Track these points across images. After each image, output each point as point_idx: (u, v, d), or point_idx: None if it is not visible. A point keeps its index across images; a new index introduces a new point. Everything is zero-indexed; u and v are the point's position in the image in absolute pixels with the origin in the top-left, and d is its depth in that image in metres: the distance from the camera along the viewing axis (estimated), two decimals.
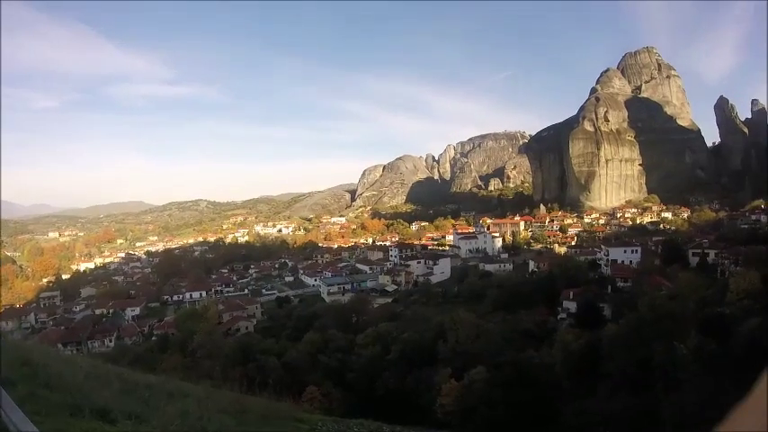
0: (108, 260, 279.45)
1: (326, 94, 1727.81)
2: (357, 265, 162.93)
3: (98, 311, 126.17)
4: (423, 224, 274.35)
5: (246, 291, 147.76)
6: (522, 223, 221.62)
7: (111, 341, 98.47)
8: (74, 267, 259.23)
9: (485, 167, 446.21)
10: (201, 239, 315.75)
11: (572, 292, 77.64)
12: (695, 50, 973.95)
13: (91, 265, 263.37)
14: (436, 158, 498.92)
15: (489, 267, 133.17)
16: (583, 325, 57.22)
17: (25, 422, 7.94)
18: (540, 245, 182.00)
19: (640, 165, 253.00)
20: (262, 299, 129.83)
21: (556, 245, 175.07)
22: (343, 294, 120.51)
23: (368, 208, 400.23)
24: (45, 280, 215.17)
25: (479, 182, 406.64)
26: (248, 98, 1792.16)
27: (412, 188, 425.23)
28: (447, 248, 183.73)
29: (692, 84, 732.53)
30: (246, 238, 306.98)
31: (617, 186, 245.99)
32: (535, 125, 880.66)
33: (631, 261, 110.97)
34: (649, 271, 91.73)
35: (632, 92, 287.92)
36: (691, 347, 32.14)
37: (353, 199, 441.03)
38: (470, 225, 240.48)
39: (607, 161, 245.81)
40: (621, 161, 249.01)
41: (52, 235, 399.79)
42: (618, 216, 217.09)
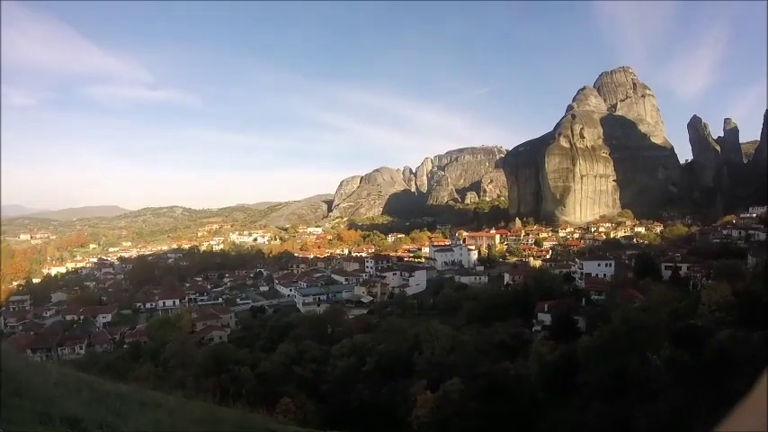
0: (80, 265, 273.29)
1: (306, 105, 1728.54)
2: (333, 276, 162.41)
3: (69, 317, 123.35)
4: (399, 236, 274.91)
5: (221, 300, 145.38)
6: (498, 236, 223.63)
7: (81, 348, 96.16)
8: (45, 271, 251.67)
9: (461, 181, 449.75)
10: (176, 246, 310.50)
11: (547, 305, 77.99)
12: (670, 71, 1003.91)
13: (62, 270, 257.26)
14: (413, 171, 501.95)
15: (465, 280, 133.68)
16: (557, 337, 57.48)
17: None
18: (516, 258, 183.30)
19: (614, 180, 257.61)
20: (236, 308, 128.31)
21: (531, 258, 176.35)
22: (318, 305, 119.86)
23: (344, 219, 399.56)
24: (15, 283, 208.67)
25: (456, 195, 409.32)
26: (228, 106, 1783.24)
27: (389, 200, 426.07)
28: (423, 260, 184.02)
29: (667, 103, 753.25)
30: (222, 247, 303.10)
31: (591, 201, 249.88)
32: (512, 140, 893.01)
33: (605, 274, 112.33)
34: (623, 284, 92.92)
35: (608, 110, 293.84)
36: (664, 358, 32.45)
37: (330, 209, 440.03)
38: (446, 238, 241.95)
39: (582, 177, 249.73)
40: (596, 177, 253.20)
41: (24, 237, 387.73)
42: (592, 230, 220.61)
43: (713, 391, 27.38)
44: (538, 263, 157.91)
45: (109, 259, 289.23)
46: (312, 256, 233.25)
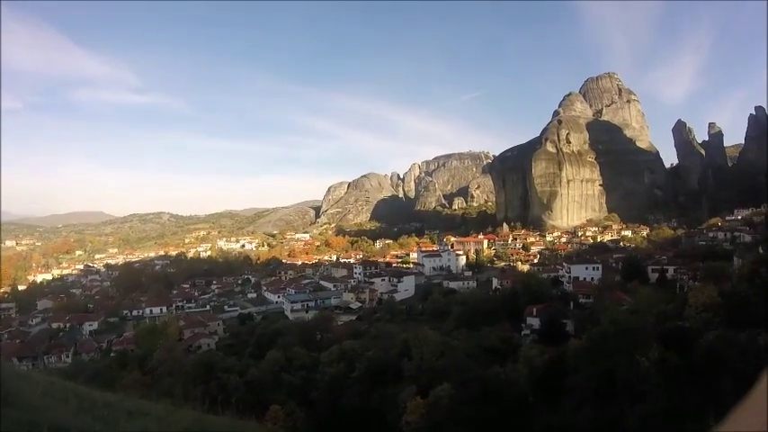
0: (66, 272, 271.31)
1: (293, 111, 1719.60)
2: (321, 282, 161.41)
3: (55, 325, 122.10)
4: (387, 242, 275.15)
5: (208, 307, 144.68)
6: (486, 241, 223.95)
7: (68, 356, 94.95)
8: (30, 278, 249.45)
9: (449, 186, 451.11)
10: (163, 253, 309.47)
11: (535, 309, 78.34)
12: (655, 76, 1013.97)
13: (48, 277, 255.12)
14: (401, 177, 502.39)
15: (453, 285, 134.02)
16: (546, 340, 57.74)
17: None
18: (504, 262, 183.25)
19: (601, 185, 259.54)
20: (224, 315, 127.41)
21: (519, 262, 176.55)
22: (306, 311, 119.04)
23: (332, 225, 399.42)
24: (0, 291, 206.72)
25: (443, 200, 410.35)
26: (215, 111, 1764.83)
27: (376, 206, 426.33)
28: (411, 266, 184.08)
29: (652, 108, 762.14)
30: (209, 253, 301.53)
31: (578, 206, 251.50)
32: (499, 146, 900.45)
33: (593, 278, 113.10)
34: (610, 287, 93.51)
35: (593, 115, 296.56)
36: (652, 360, 32.58)
37: (318, 215, 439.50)
38: (434, 243, 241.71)
39: (569, 181, 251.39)
40: (583, 181, 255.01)
41: (9, 243, 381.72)
42: (579, 234, 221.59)
43: (702, 392, 27.52)
44: (526, 267, 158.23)
45: (95, 266, 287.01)
46: (300, 263, 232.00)
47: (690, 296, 51.13)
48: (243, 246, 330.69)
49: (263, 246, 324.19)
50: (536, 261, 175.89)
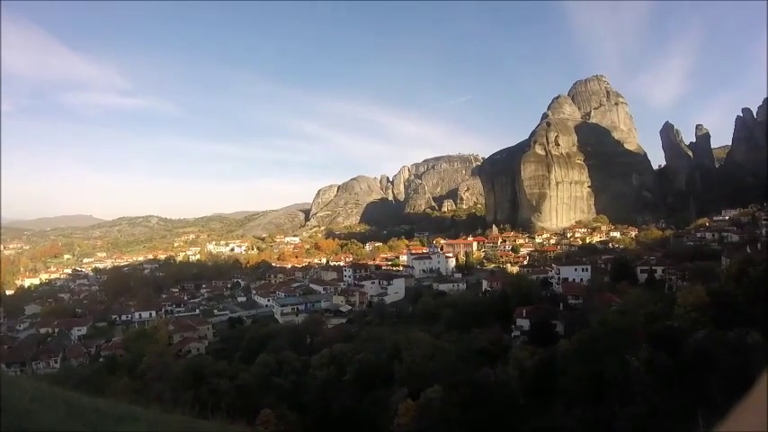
0: (54, 276, 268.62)
1: (282, 114, 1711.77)
2: (311, 286, 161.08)
3: (43, 330, 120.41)
4: (377, 244, 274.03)
5: (198, 311, 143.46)
6: (475, 243, 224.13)
7: (56, 362, 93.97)
8: (18, 283, 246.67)
9: (438, 189, 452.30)
10: (152, 257, 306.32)
11: (525, 310, 78.39)
12: (643, 79, 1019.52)
13: (36, 281, 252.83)
14: (391, 179, 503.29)
15: (443, 287, 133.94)
16: (536, 342, 57.80)
17: None
18: (493, 264, 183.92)
19: (589, 187, 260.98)
20: (213, 319, 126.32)
21: (508, 264, 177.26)
22: (296, 315, 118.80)
23: (322, 228, 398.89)
24: None
25: (433, 203, 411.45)
26: (204, 114, 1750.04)
27: (366, 208, 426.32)
28: (401, 269, 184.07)
29: (640, 110, 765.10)
30: (198, 257, 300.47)
31: (567, 207, 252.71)
32: (488, 149, 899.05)
33: (582, 279, 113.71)
34: (599, 288, 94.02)
35: (582, 117, 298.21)
36: (642, 360, 32.75)
37: (308, 219, 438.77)
38: (424, 245, 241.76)
39: (557, 183, 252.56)
40: (571, 183, 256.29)
41: None
42: (568, 236, 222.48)
43: (691, 391, 27.67)
44: (515, 269, 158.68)
45: (83, 270, 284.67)
46: (290, 266, 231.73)
47: (678, 296, 51.51)
48: (232, 249, 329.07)
49: (253, 249, 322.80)
50: (525, 263, 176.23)
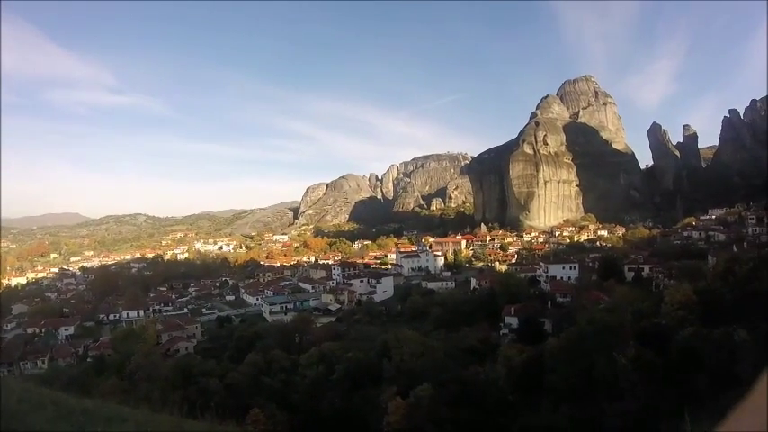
0: (41, 275, 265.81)
1: (271, 113, 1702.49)
2: (299, 284, 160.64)
3: (30, 330, 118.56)
4: (365, 243, 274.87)
5: (186, 310, 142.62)
6: (464, 242, 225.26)
7: (43, 362, 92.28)
8: (4, 282, 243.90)
9: (427, 188, 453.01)
10: (139, 256, 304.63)
11: (513, 308, 78.66)
12: (631, 80, 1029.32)
13: (23, 281, 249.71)
14: (379, 178, 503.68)
15: (432, 285, 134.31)
16: (525, 340, 57.98)
17: None
18: (482, 263, 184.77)
19: (577, 186, 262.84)
20: (202, 318, 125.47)
21: (497, 263, 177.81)
22: (285, 314, 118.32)
23: (310, 226, 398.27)
24: None
25: (422, 201, 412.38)
26: (192, 113, 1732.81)
27: (355, 207, 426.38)
28: (390, 267, 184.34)
29: (628, 111, 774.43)
30: (186, 256, 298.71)
31: (555, 206, 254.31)
32: (477, 148, 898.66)
33: (570, 277, 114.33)
34: (587, 286, 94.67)
35: (570, 117, 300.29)
36: (630, 357, 32.90)
37: (296, 217, 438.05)
38: (413, 244, 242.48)
39: (546, 182, 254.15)
40: (559, 182, 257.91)
41: None
42: (556, 234, 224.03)
43: (678, 388, 27.84)
44: (504, 267, 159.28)
45: (70, 269, 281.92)
46: (278, 264, 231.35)
47: (666, 294, 51.77)
48: (221, 248, 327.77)
49: (241, 247, 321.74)
50: (514, 261, 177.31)
